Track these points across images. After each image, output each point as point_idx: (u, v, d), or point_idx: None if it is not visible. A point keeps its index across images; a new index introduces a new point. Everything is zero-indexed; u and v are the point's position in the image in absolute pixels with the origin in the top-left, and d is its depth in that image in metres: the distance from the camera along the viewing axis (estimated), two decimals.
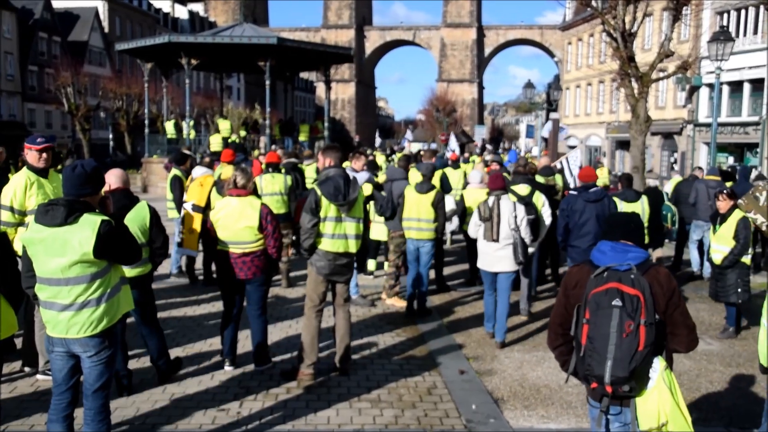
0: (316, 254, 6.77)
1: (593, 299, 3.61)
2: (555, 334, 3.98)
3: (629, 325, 3.50)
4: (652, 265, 3.80)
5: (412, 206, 9.45)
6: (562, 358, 4.00)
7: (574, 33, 58.33)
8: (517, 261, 8.25)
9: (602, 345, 3.52)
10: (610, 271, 3.65)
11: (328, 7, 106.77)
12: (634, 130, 19.47)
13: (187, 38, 27.38)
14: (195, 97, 44.88)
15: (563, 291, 3.92)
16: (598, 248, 3.86)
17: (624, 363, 3.48)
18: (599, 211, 8.69)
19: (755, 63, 34.92)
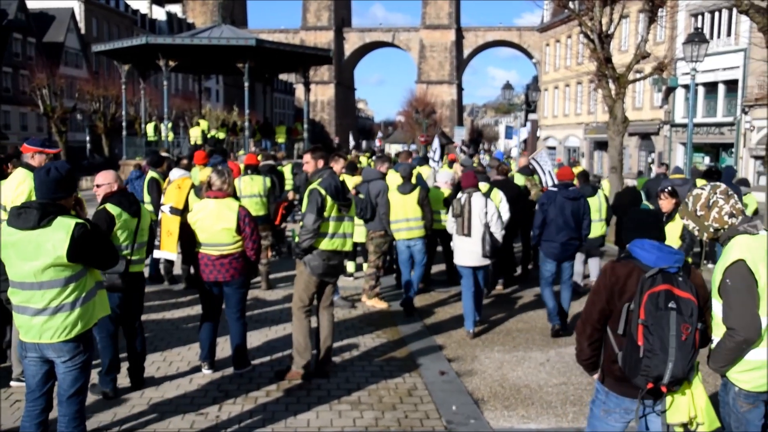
0: (311, 254, 6.75)
1: (649, 300, 3.58)
2: (593, 329, 3.93)
3: (686, 328, 3.54)
4: (691, 267, 3.81)
5: (399, 208, 9.67)
6: (592, 352, 3.99)
7: (552, 34, 58.69)
8: (484, 254, 8.56)
9: (662, 347, 3.54)
10: (662, 273, 3.65)
11: (307, 9, 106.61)
12: (612, 131, 19.62)
13: (165, 39, 27.19)
14: (173, 98, 44.67)
15: (607, 286, 3.84)
16: (641, 246, 3.81)
17: (683, 364, 3.55)
18: (575, 208, 8.89)
19: (729, 64, 35.37)
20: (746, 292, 3.83)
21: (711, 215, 4.05)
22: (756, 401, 4.00)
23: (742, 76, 34.77)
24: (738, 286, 3.84)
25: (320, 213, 6.62)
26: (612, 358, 3.84)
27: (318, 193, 6.64)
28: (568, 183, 9.27)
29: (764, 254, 3.89)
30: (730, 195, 4.05)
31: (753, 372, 3.96)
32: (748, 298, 3.83)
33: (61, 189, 4.48)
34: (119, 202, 6.15)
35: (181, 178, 10.62)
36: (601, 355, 3.98)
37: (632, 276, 3.74)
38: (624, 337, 3.73)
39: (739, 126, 35.30)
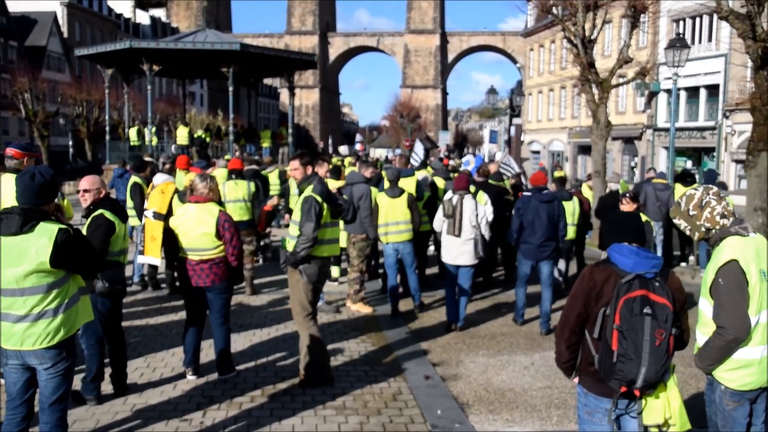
0: (308, 262, 6.69)
1: (625, 306, 3.63)
2: (571, 332, 3.97)
3: (660, 333, 3.59)
4: (669, 272, 3.85)
5: (388, 211, 9.76)
6: (571, 355, 4.03)
7: (536, 39, 58.95)
8: (477, 255, 9.01)
9: (636, 352, 3.59)
10: (638, 278, 3.68)
11: (291, 14, 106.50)
12: (595, 135, 19.73)
13: (149, 44, 27.06)
14: (157, 103, 44.47)
15: (584, 290, 3.88)
16: (619, 251, 3.85)
17: (656, 369, 3.60)
18: (550, 211, 9.24)
19: (711, 69, 35.68)
20: (738, 291, 3.92)
21: (703, 215, 4.13)
22: (741, 399, 4.09)
23: (723, 81, 35.07)
24: (730, 286, 3.93)
25: (318, 220, 6.57)
26: (589, 360, 3.89)
27: (314, 201, 6.58)
28: (542, 187, 9.62)
29: (754, 255, 3.97)
30: (723, 197, 4.13)
31: (739, 370, 4.04)
32: (740, 298, 3.92)
33: (45, 194, 4.45)
34: (113, 208, 6.14)
35: (164, 182, 10.57)
36: (579, 357, 4.02)
37: (609, 281, 3.78)
38: (600, 341, 3.78)
39: (721, 130, 35.60)
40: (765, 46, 12.83)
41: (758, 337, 4.01)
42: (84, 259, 4.52)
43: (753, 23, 12.85)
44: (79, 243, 4.48)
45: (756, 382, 4.06)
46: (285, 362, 7.61)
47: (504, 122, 30.84)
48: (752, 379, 4.04)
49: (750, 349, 4.01)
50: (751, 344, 4.00)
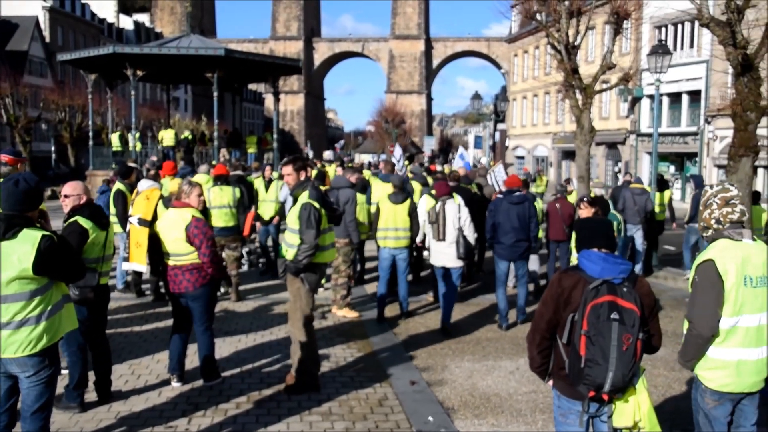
0: (310, 270, 6.66)
1: (592, 312, 3.67)
2: (542, 338, 4.02)
3: (628, 338, 3.63)
4: (637, 277, 3.91)
5: (389, 217, 9.88)
6: (542, 360, 4.08)
7: (520, 45, 59.24)
8: (458, 256, 9.38)
9: (603, 357, 3.63)
10: (606, 284, 3.73)
11: (276, 19, 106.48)
12: (579, 141, 19.84)
13: (133, 49, 26.95)
14: (141, 108, 44.25)
15: (553, 296, 3.93)
16: (588, 257, 3.90)
17: (624, 374, 3.65)
18: (520, 212, 9.67)
19: (692, 75, 35.99)
20: (709, 289, 4.05)
21: (704, 214, 4.27)
22: (721, 399, 4.18)
23: (705, 87, 35.38)
24: (703, 284, 4.07)
25: (318, 227, 6.52)
26: (561, 364, 3.94)
27: (313, 207, 6.51)
28: (514, 189, 10.03)
29: (740, 260, 4.04)
30: (731, 203, 4.20)
31: (716, 371, 4.16)
32: (709, 296, 4.05)
33: (29, 201, 4.43)
34: (90, 215, 6.10)
35: (149, 188, 10.53)
36: (551, 360, 4.07)
37: (577, 287, 3.83)
38: (569, 346, 3.83)
39: (703, 135, 35.90)
40: (745, 53, 12.97)
41: (735, 340, 4.10)
42: (66, 266, 4.50)
43: (733, 30, 12.99)
44: (63, 250, 4.45)
45: (734, 385, 4.15)
46: (271, 368, 7.59)
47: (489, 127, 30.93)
48: (729, 381, 4.14)
49: (725, 350, 4.12)
50: (725, 345, 4.12)
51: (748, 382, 4.15)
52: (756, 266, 4.09)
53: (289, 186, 7.00)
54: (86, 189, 6.33)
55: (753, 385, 4.19)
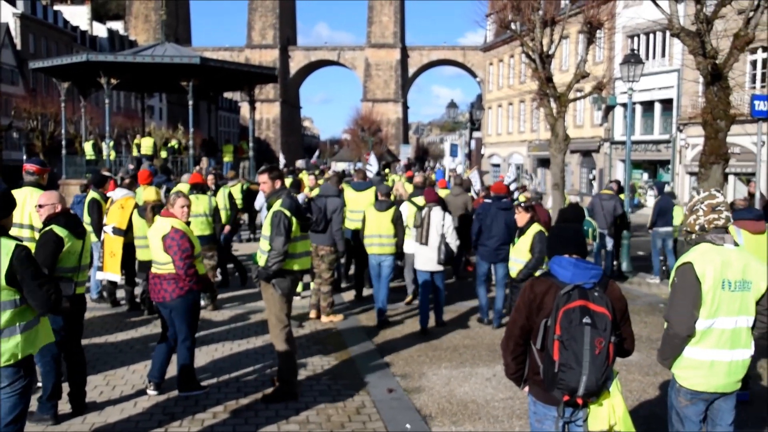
0: (281, 276, 6.73)
1: (564, 317, 3.72)
2: (516, 344, 4.06)
3: (600, 342, 3.68)
4: (608, 282, 3.96)
5: (373, 224, 10.25)
6: (517, 366, 4.11)
7: (495, 54, 59.63)
8: (438, 261, 9.77)
9: (576, 361, 3.67)
10: (577, 289, 3.78)
11: (252, 27, 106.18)
12: (554, 149, 20.01)
13: (107, 57, 26.72)
14: (115, 117, 43.95)
15: (526, 303, 3.97)
16: (559, 263, 3.96)
17: (597, 377, 3.69)
18: (507, 218, 10.02)
19: (664, 84, 36.47)
20: (686, 291, 4.16)
21: (689, 219, 4.38)
22: (694, 399, 4.28)
23: (677, 96, 35.86)
24: (681, 285, 4.19)
25: (288, 234, 6.62)
26: (536, 370, 3.98)
27: (283, 215, 6.63)
28: (501, 195, 10.63)
29: (720, 264, 4.15)
30: (717, 210, 4.30)
31: (690, 370, 4.27)
32: (686, 298, 4.16)
33: (2, 209, 4.40)
34: (66, 224, 6.07)
35: (124, 197, 10.48)
36: (527, 367, 4.11)
37: (549, 293, 3.88)
38: (543, 351, 3.87)
39: (675, 143, 36.36)
40: (714, 62, 13.19)
41: (710, 341, 4.21)
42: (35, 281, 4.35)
43: (703, 40, 13.20)
44: (34, 263, 4.41)
45: (707, 385, 4.25)
46: (248, 378, 7.57)
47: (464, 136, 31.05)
48: (702, 381, 4.25)
49: (700, 350, 4.23)
50: (701, 345, 4.22)
51: (721, 383, 4.25)
52: (735, 271, 4.19)
53: (264, 194, 7.12)
54: (61, 198, 6.30)
55: (726, 386, 4.28)
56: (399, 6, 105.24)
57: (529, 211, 8.95)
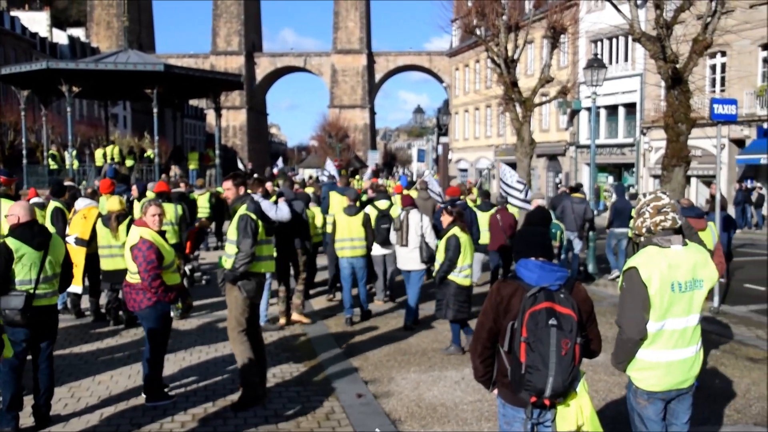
0: (246, 278, 6.79)
1: (531, 319, 3.74)
2: (483, 347, 4.07)
3: (566, 343, 3.71)
4: (574, 283, 4.00)
5: (344, 228, 10.71)
6: (486, 369, 4.12)
7: (461, 59, 60.03)
8: (422, 260, 10.25)
9: (543, 363, 3.70)
10: (543, 291, 3.80)
11: (216, 34, 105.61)
12: (520, 153, 20.20)
13: (68, 64, 26.42)
14: (78, 125, 43.32)
15: (493, 305, 3.99)
16: (525, 266, 3.98)
17: (563, 378, 3.71)
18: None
19: (628, 88, 37.01)
20: (634, 295, 4.21)
21: (637, 222, 4.41)
22: (651, 398, 4.35)
23: (640, 100, 36.41)
24: (628, 289, 4.25)
25: (255, 236, 6.74)
26: (504, 372, 4.00)
27: (249, 218, 6.77)
28: (455, 199, 11.66)
29: (666, 267, 4.19)
30: (663, 212, 4.33)
31: (646, 371, 4.32)
32: (634, 302, 4.22)
33: None
34: (21, 235, 5.97)
35: (86, 207, 10.34)
36: (495, 369, 4.13)
37: (516, 295, 3.90)
38: (510, 353, 3.89)
39: (639, 146, 36.89)
40: (675, 66, 13.42)
41: (663, 342, 4.27)
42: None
43: (663, 45, 13.43)
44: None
45: (663, 384, 4.31)
46: (216, 386, 7.51)
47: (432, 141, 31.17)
48: (658, 381, 4.30)
49: (654, 352, 4.28)
50: (654, 347, 4.28)
51: (677, 380, 4.31)
52: (685, 271, 4.24)
53: (228, 200, 7.22)
54: (27, 209, 6.16)
55: (682, 383, 4.34)
56: (365, 12, 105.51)
57: (452, 214, 9.09)
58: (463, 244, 8.78)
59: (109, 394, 7.07)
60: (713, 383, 7.68)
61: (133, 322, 10.15)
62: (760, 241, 24.41)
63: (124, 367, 8.21)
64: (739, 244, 21.41)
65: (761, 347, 9.26)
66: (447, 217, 9.11)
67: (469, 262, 8.86)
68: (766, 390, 7.50)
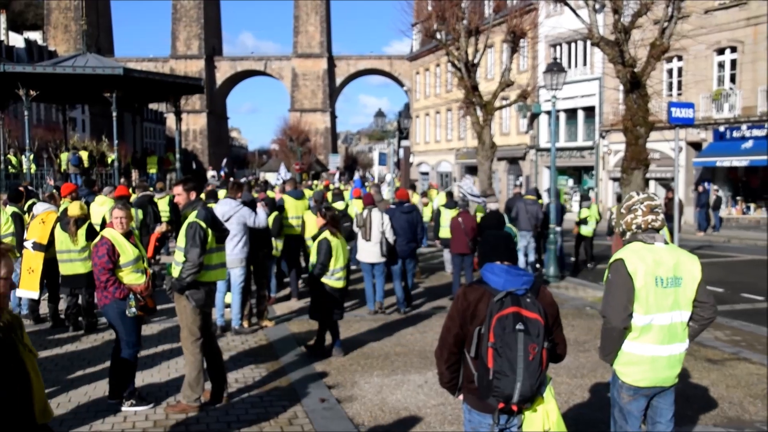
0: (194, 288, 6.69)
1: (498, 324, 3.72)
2: (450, 353, 4.03)
3: (533, 348, 3.70)
4: (540, 287, 4.00)
5: (313, 227, 11.07)
6: (452, 375, 4.10)
7: (421, 63, 60.26)
8: (381, 254, 11.41)
9: (511, 368, 3.68)
10: (510, 296, 3.79)
11: (176, 37, 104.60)
12: (481, 156, 20.35)
13: (25, 68, 25.97)
14: (35, 129, 42.57)
15: (459, 311, 3.95)
16: (491, 270, 3.97)
17: (531, 383, 3.71)
18: (409, 219, 12.14)
19: (587, 92, 37.51)
20: (619, 285, 4.30)
21: (627, 217, 4.47)
22: (636, 394, 4.41)
23: (599, 103, 36.91)
24: (613, 280, 4.33)
25: (203, 246, 6.61)
26: (470, 378, 3.96)
27: (198, 226, 6.63)
28: (403, 201, 12.65)
29: (651, 262, 4.29)
30: (655, 212, 4.43)
31: (632, 366, 4.38)
32: (619, 291, 4.30)
33: None
34: None
35: (45, 212, 10.16)
36: (461, 375, 4.10)
37: (482, 300, 3.88)
38: (477, 359, 3.87)
39: (598, 150, 37.39)
40: (633, 71, 13.64)
41: (649, 337, 4.34)
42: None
43: (621, 50, 13.64)
44: None
45: (648, 380, 4.38)
46: (178, 392, 7.42)
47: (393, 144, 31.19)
48: (643, 377, 4.37)
49: (639, 345, 4.36)
50: (640, 340, 4.35)
51: (660, 377, 4.38)
52: (667, 268, 4.32)
53: (179, 205, 7.12)
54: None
55: (665, 380, 4.41)
56: (325, 15, 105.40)
57: (325, 217, 9.14)
58: (335, 248, 8.97)
59: (69, 401, 6.94)
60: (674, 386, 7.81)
61: (93, 328, 10.00)
62: (717, 243, 24.92)
63: (84, 372, 8.08)
64: (696, 246, 21.85)
65: (720, 348, 9.43)
66: (320, 220, 9.18)
67: (341, 264, 9.03)
68: (724, 391, 7.66)
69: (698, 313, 4.45)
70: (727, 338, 10.07)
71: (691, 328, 4.49)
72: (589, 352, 9.13)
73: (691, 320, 4.47)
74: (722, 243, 24.87)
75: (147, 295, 7.00)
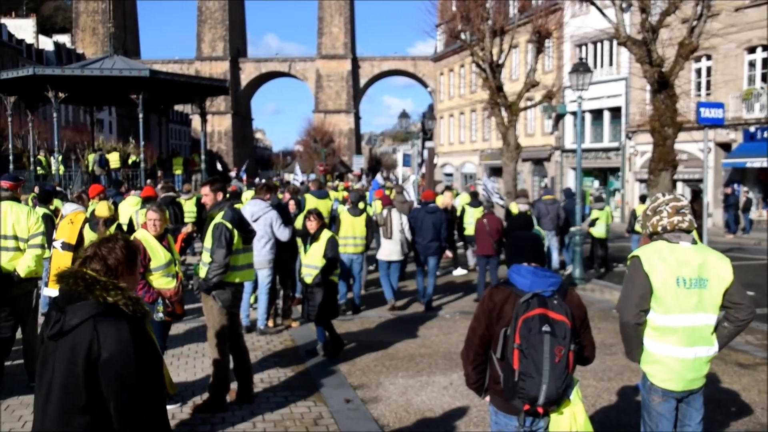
0: (221, 288, 6.71)
1: (524, 325, 3.69)
2: (476, 354, 4.02)
3: (560, 350, 3.66)
4: (567, 289, 3.97)
5: (348, 227, 11.73)
6: (478, 376, 4.08)
7: (446, 64, 60.12)
8: (404, 252, 12.08)
9: (537, 370, 3.65)
10: (536, 297, 3.76)
11: (201, 39, 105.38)
12: (506, 157, 20.25)
13: (54, 70, 26.27)
14: (64, 131, 43.04)
15: (485, 312, 3.94)
16: (517, 272, 3.94)
17: (557, 386, 3.67)
18: (434, 220, 12.33)
19: (613, 92, 37.16)
20: (634, 281, 4.29)
21: (653, 219, 4.43)
22: (665, 396, 4.33)
23: (625, 104, 36.55)
24: (629, 275, 4.33)
25: (229, 247, 6.63)
26: (496, 379, 3.94)
27: (225, 227, 6.65)
28: (429, 201, 12.94)
29: (674, 262, 4.23)
30: (681, 212, 4.37)
31: (655, 365, 4.35)
32: (633, 288, 4.29)
33: None
34: None
35: (74, 212, 10.25)
36: (487, 376, 4.08)
37: (509, 301, 3.85)
38: (503, 360, 3.84)
39: (624, 151, 37.04)
40: (660, 70, 13.50)
41: (672, 338, 4.27)
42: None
43: (649, 49, 13.50)
44: None
45: (674, 382, 4.31)
46: (204, 390, 7.44)
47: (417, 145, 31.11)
48: (667, 377, 4.30)
49: (662, 345, 4.30)
50: (663, 341, 4.30)
51: (687, 379, 4.31)
52: (691, 268, 4.24)
53: (207, 206, 7.17)
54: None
55: (692, 383, 4.34)
56: (349, 17, 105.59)
57: (319, 219, 9.14)
58: None
59: None
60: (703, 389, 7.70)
61: None
62: (747, 245, 24.55)
63: None
64: (725, 249, 21.56)
65: (751, 353, 9.29)
66: (314, 223, 9.15)
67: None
68: (756, 396, 7.54)
69: (733, 314, 4.36)
70: (758, 342, 9.92)
71: (727, 329, 4.39)
72: (616, 355, 9.03)
73: (726, 321, 4.39)
74: (753, 245, 24.46)
75: (176, 301, 7.04)
